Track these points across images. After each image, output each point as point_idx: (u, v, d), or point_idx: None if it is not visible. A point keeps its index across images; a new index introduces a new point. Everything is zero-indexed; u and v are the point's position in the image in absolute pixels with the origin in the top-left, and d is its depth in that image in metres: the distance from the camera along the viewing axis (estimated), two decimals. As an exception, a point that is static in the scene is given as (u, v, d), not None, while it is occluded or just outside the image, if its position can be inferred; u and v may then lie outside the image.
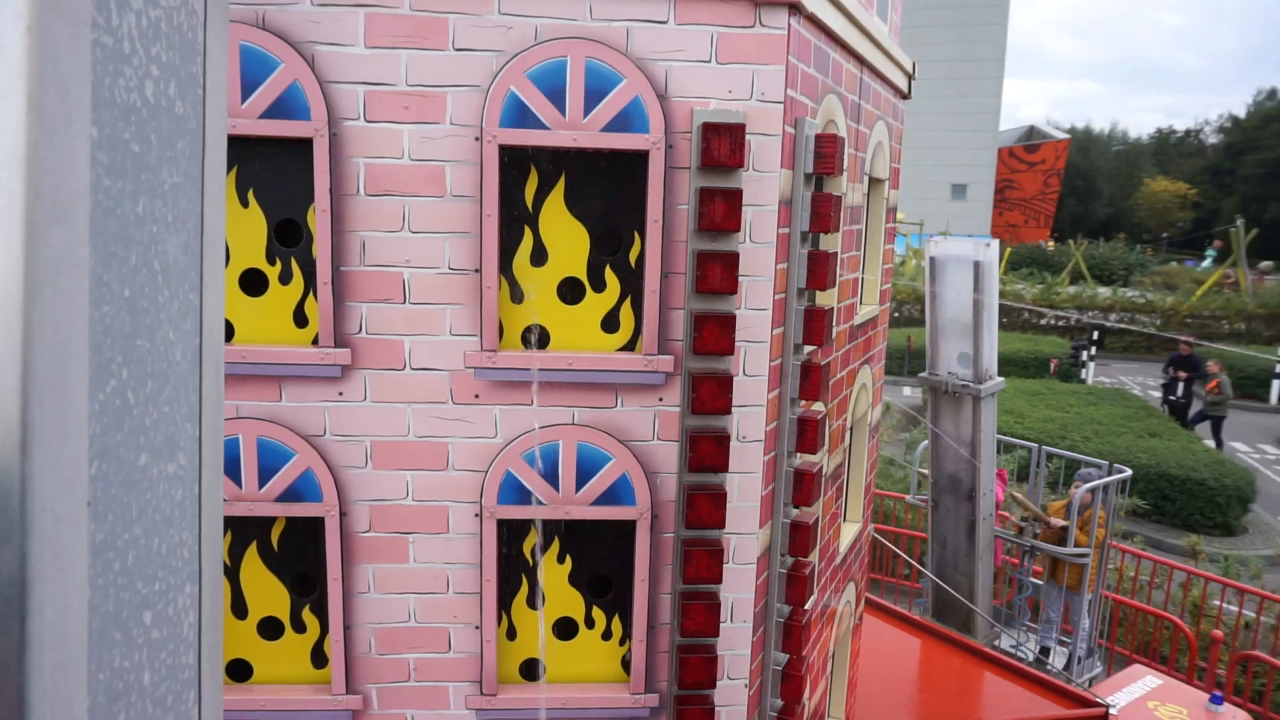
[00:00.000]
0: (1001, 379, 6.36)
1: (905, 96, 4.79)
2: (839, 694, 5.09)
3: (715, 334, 2.82)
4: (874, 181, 4.41)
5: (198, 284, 0.63)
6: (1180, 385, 17.27)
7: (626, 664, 3.20)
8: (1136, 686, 7.14)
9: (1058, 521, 6.48)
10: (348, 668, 3.06)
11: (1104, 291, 29.95)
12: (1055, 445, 9.82)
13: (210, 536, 0.68)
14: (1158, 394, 19.17)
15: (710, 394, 2.86)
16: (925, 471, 6.84)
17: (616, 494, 3.00)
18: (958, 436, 6.12)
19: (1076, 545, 6.31)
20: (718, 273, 2.78)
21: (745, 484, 3.04)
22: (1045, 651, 6.69)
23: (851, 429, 4.43)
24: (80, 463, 0.47)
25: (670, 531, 3.04)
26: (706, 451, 2.88)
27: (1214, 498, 12.22)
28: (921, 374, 6.43)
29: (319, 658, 3.15)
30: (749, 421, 3.00)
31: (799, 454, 3.17)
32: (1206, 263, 42.57)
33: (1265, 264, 40.73)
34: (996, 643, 6.78)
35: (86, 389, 0.47)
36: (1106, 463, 7.07)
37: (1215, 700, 6.96)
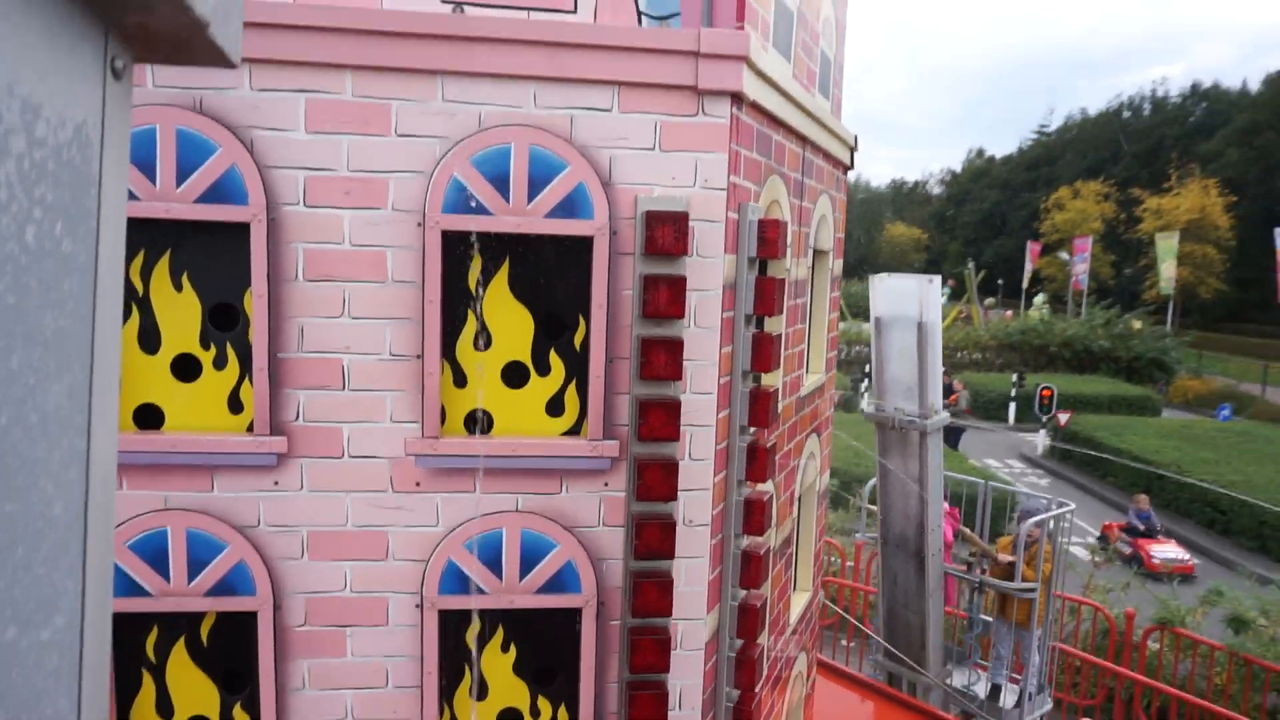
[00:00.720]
0: (947, 414, 6.44)
1: (848, 168, 4.90)
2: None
3: (661, 420, 2.80)
4: (818, 254, 4.48)
5: (85, 428, 0.59)
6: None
7: (573, 755, 3.11)
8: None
9: (1005, 557, 6.54)
10: (280, 769, 2.92)
11: (867, 326, 31.89)
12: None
13: (93, 700, 0.63)
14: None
15: (656, 479, 2.83)
16: (874, 508, 6.86)
17: (562, 581, 2.94)
18: (905, 472, 6.17)
19: (1024, 580, 6.36)
20: (662, 359, 2.78)
21: (692, 569, 3.00)
22: (996, 690, 6.69)
23: (800, 499, 4.44)
24: None
25: (616, 619, 2.99)
26: (653, 538, 2.85)
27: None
28: (867, 410, 6.47)
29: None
30: (695, 505, 2.98)
31: (746, 535, 3.15)
32: (942, 300, 46.75)
33: (989, 300, 48.43)
34: (949, 680, 6.77)
35: None
36: (1050, 498, 7.16)
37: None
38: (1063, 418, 21.57)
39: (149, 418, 2.79)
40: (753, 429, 3.12)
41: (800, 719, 4.96)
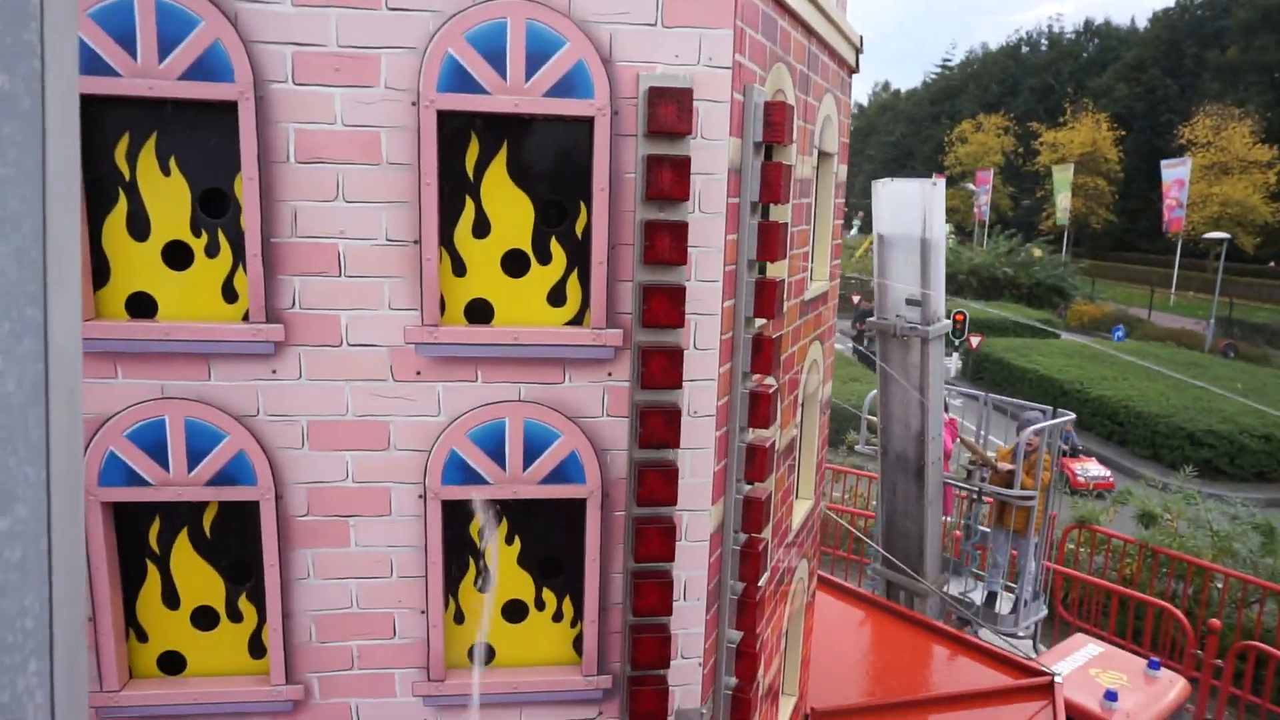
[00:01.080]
0: (947, 320, 6.47)
1: (854, 71, 4.76)
2: (793, 670, 5.10)
3: (665, 306, 2.75)
4: (823, 155, 4.37)
5: (40, 296, 0.53)
6: (866, 336, 20.83)
7: (578, 646, 3.13)
8: (1079, 655, 7.33)
9: (1005, 466, 6.59)
10: (287, 657, 2.94)
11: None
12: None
13: (66, 597, 0.58)
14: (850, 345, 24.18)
15: (660, 368, 2.79)
16: (874, 418, 6.89)
17: (566, 472, 2.92)
18: (906, 378, 6.19)
19: (1023, 488, 6.44)
20: (666, 243, 2.71)
21: (697, 460, 2.98)
22: (992, 597, 6.80)
23: (803, 405, 4.41)
24: None
25: (621, 510, 2.98)
26: (657, 427, 2.82)
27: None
28: (870, 319, 6.48)
29: (257, 647, 3.02)
30: (700, 396, 2.94)
31: (751, 429, 3.12)
32: (854, 231, 48.59)
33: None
34: (945, 588, 6.88)
35: None
36: (1050, 408, 7.24)
37: (1153, 665, 7.17)
38: (974, 341, 23.28)
39: (142, 306, 2.73)
40: (758, 320, 3.07)
41: (801, 627, 5.03)
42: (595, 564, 2.98)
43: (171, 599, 2.96)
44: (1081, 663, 7.23)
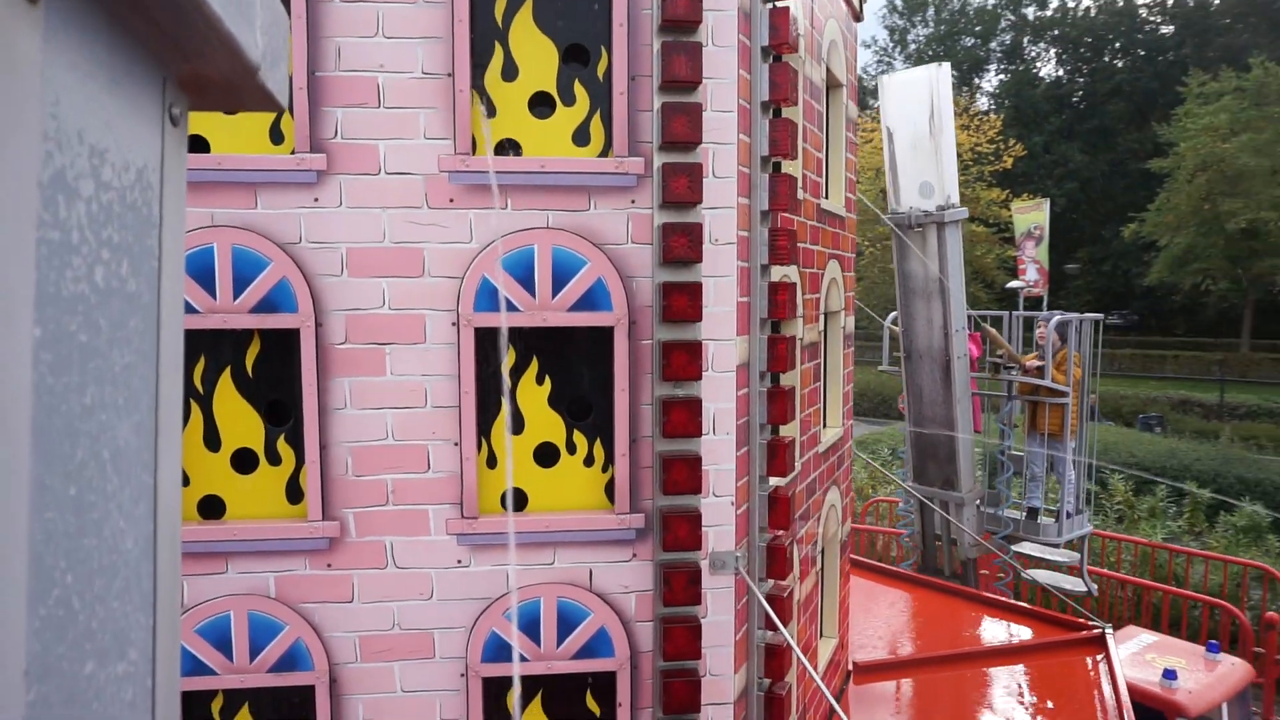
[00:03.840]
0: (964, 208, 6.48)
1: (859, 16, 5.04)
2: (831, 613, 4.98)
3: (684, 125, 2.90)
4: (832, 88, 4.59)
5: (152, 463, 0.60)
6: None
7: (610, 492, 3.14)
8: (1132, 643, 7.04)
9: (1033, 363, 6.48)
10: (324, 492, 2.98)
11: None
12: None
13: None
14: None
15: (681, 188, 2.91)
16: (896, 329, 6.84)
17: (593, 299, 3.01)
18: (925, 273, 6.20)
19: (1054, 382, 6.34)
20: (683, 65, 2.88)
21: (720, 288, 3.07)
22: (1033, 513, 6.56)
23: (825, 316, 4.49)
24: (16, 690, 0.42)
25: (648, 338, 3.05)
26: (680, 245, 2.92)
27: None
28: (885, 215, 6.54)
29: (294, 492, 3.07)
30: (720, 224, 3.06)
31: (774, 265, 3.21)
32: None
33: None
34: (980, 505, 6.67)
35: (24, 609, 0.43)
36: (1075, 315, 7.17)
37: (1212, 648, 6.86)
38: None
39: (196, 143, 2.93)
40: (775, 158, 3.20)
41: (837, 562, 4.94)
42: (624, 394, 3.04)
43: (213, 441, 3.03)
44: (1135, 649, 6.93)
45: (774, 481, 3.34)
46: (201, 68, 0.61)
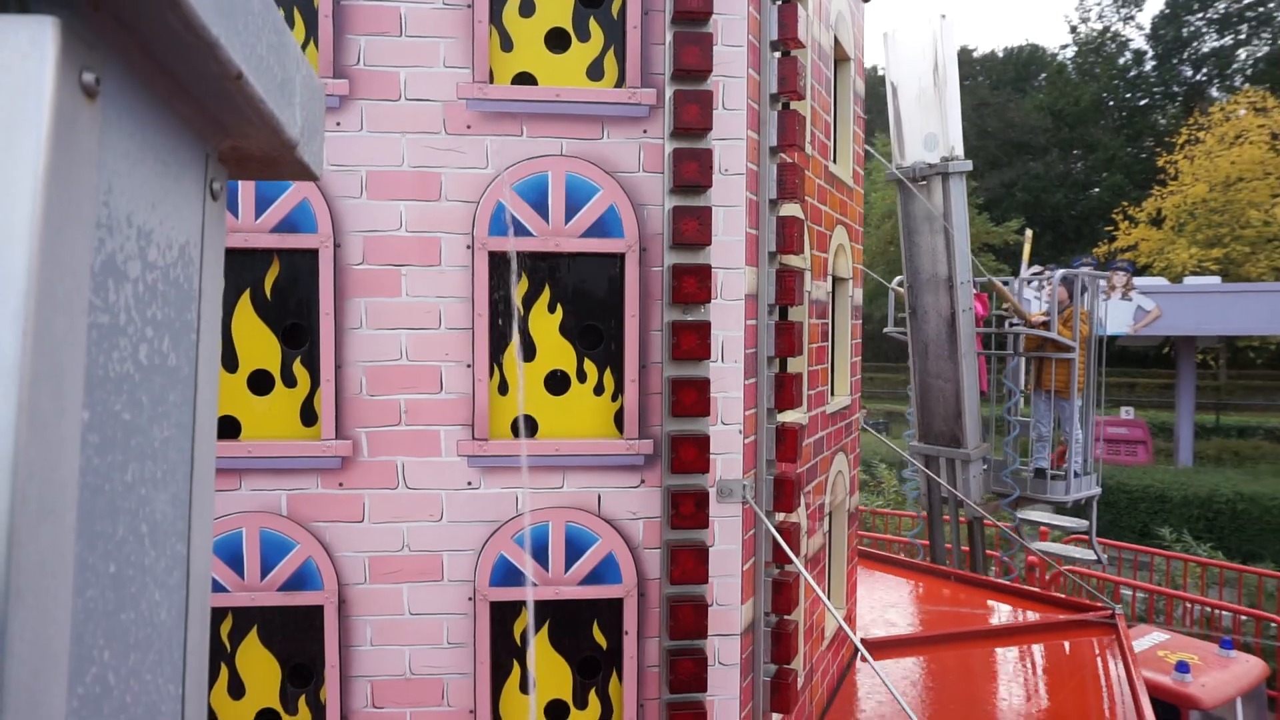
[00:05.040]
0: (968, 160, 6.52)
1: (865, -3, 5.16)
2: (838, 585, 4.97)
3: (694, 56, 2.98)
4: (840, 63, 4.69)
5: (185, 532, 0.59)
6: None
7: (619, 421, 3.18)
8: (1144, 640, 6.97)
9: (1039, 318, 6.47)
10: (338, 411, 3.03)
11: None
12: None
13: None
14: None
15: (693, 116, 2.99)
16: (901, 290, 6.84)
17: (605, 226, 3.08)
18: (931, 226, 6.23)
19: (1059, 336, 6.32)
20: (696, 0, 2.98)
21: (729, 217, 3.13)
22: (1040, 474, 6.51)
23: (833, 291, 4.54)
24: None
25: (658, 265, 3.11)
26: (690, 171, 3.00)
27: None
28: (889, 173, 6.56)
29: (309, 414, 3.12)
30: (729, 155, 3.13)
31: (782, 200, 3.28)
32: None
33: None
34: (986, 467, 6.61)
35: (65, 688, 0.43)
36: (1084, 270, 7.13)
37: (1225, 644, 6.79)
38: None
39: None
40: (784, 96, 3.28)
41: (845, 531, 4.94)
42: (635, 319, 3.09)
43: (230, 362, 3.09)
44: (1147, 646, 6.86)
45: (782, 417, 3.37)
46: (242, 143, 0.62)
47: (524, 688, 3.22)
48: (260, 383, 3.09)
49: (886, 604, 5.92)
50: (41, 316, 0.39)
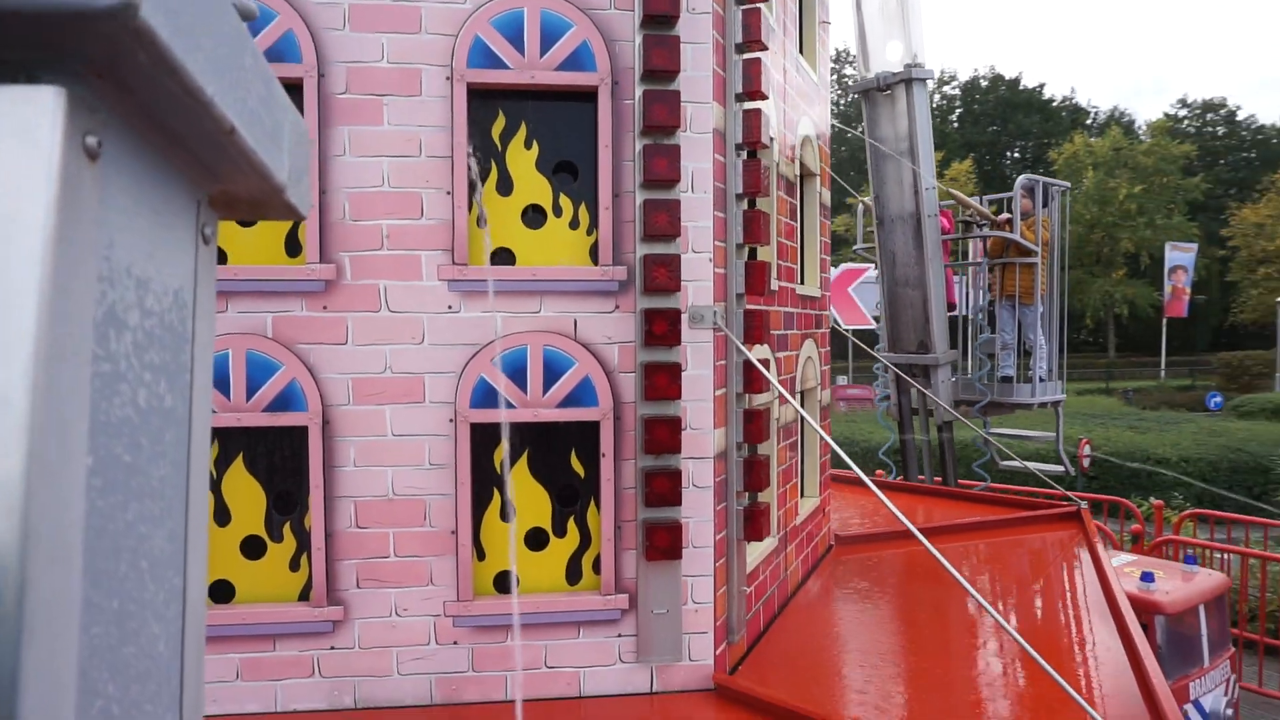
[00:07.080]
0: (932, 68, 6.74)
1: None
2: (812, 474, 5.09)
3: (662, -105, 3.14)
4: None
5: (182, 567, 0.61)
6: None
7: (594, 255, 3.31)
8: (1114, 560, 7.15)
9: (1003, 218, 6.67)
10: (321, 235, 3.13)
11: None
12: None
13: None
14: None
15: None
16: (869, 203, 7.03)
17: (579, 59, 3.22)
18: (895, 135, 6.42)
19: (1023, 239, 6.52)
20: None
21: (697, 54, 3.28)
22: (1007, 380, 6.67)
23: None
24: None
25: (629, 98, 3.25)
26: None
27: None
28: (852, 85, 6.78)
29: (293, 246, 3.22)
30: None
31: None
32: None
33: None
34: (955, 376, 6.77)
35: None
36: (1044, 178, 7.39)
37: (1189, 560, 6.98)
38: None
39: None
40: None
41: (818, 418, 5.07)
42: (608, 149, 3.22)
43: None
44: (1116, 565, 7.03)
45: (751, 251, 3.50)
46: (231, 188, 0.63)
47: (504, 515, 3.31)
48: (245, 214, 3.19)
49: (859, 514, 6.05)
50: (49, 370, 0.41)
